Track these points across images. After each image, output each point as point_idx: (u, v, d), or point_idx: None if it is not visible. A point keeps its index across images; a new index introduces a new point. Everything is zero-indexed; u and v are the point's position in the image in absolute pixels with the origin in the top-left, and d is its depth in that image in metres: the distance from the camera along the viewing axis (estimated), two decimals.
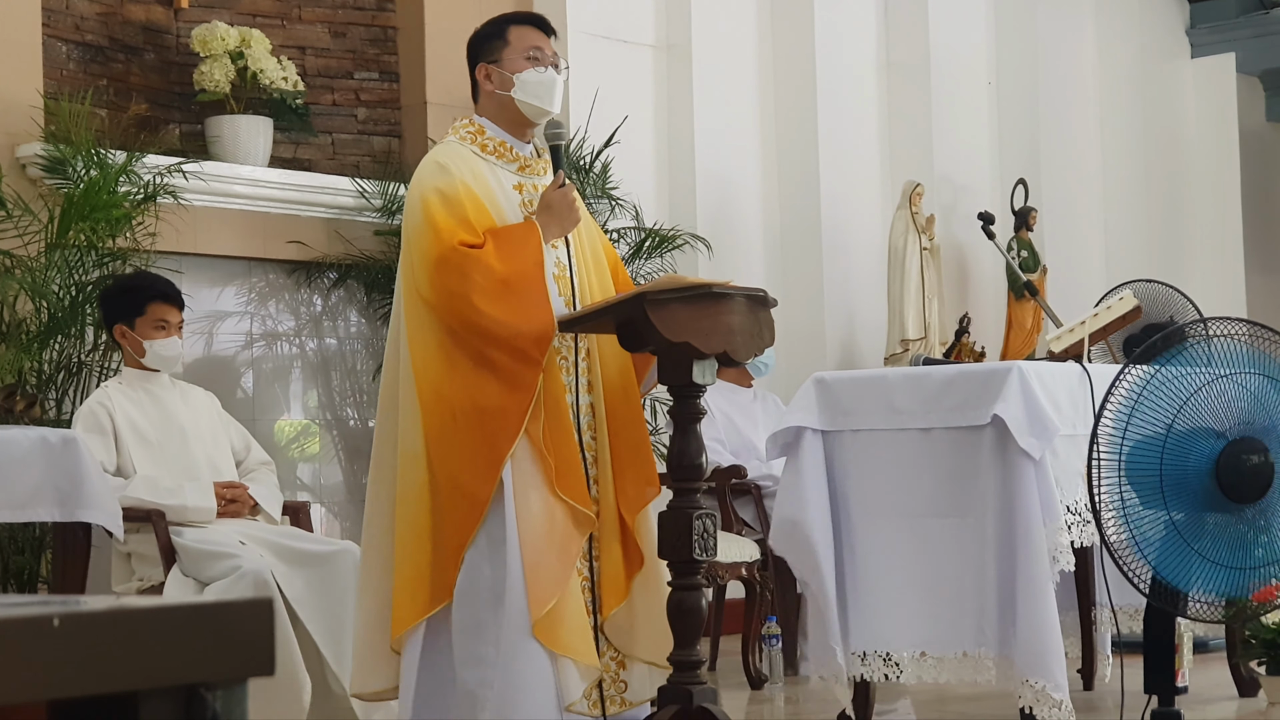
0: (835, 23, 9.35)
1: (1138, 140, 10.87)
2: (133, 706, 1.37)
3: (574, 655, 4.20)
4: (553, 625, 4.18)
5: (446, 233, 4.25)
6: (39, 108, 6.61)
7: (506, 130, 4.50)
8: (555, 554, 4.20)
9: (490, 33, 4.56)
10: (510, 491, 4.20)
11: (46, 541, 5.83)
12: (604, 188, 7.77)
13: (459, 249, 4.24)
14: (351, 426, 7.56)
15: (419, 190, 4.35)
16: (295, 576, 5.15)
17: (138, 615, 1.37)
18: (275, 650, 1.46)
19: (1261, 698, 5.69)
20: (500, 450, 4.19)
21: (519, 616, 4.17)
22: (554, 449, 4.25)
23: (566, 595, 4.21)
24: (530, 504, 4.21)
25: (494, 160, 4.45)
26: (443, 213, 4.28)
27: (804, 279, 9.05)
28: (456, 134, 4.51)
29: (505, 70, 4.48)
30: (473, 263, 4.22)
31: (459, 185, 4.32)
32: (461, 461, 4.23)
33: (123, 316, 5.56)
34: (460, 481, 4.23)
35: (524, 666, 4.17)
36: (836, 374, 5.19)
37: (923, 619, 4.84)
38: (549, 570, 4.19)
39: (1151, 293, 6.31)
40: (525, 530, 4.19)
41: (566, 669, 4.21)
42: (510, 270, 4.24)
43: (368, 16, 7.89)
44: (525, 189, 4.47)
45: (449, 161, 4.38)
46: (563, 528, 4.23)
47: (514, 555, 4.18)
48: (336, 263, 7.41)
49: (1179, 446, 4.39)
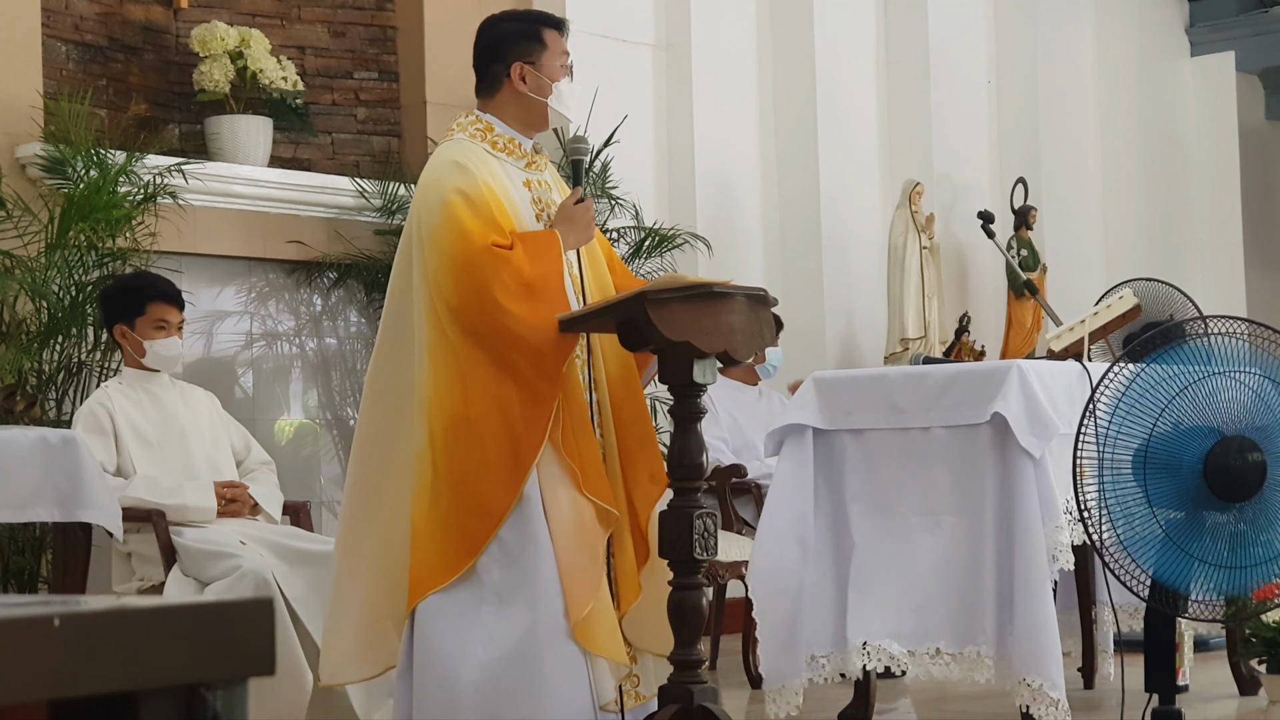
0: (835, 22, 9.36)
1: (1137, 139, 10.87)
2: (133, 706, 1.37)
3: (609, 655, 4.20)
4: (590, 627, 4.16)
5: (478, 235, 4.18)
6: (39, 108, 6.61)
7: (515, 128, 4.45)
8: (588, 555, 4.19)
9: (525, 32, 4.47)
10: (538, 496, 4.17)
11: (47, 541, 5.83)
12: (604, 187, 7.77)
13: (492, 250, 4.17)
14: (351, 426, 7.55)
15: (438, 191, 4.25)
16: (295, 576, 5.15)
17: (138, 615, 1.37)
18: (276, 650, 1.46)
19: (1262, 696, 5.70)
20: (525, 462, 4.15)
21: (554, 619, 4.14)
22: (577, 451, 4.22)
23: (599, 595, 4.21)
24: (560, 507, 4.18)
25: (504, 157, 4.41)
26: (469, 214, 4.20)
27: (804, 278, 9.05)
28: (465, 131, 4.42)
29: (543, 75, 4.43)
30: (504, 264, 4.17)
31: (481, 186, 4.25)
32: (478, 467, 4.18)
33: (123, 316, 5.55)
34: (478, 488, 4.18)
35: (560, 669, 4.15)
36: (836, 373, 5.20)
37: (922, 617, 4.84)
38: (584, 572, 4.17)
39: (1151, 291, 6.31)
40: (558, 533, 4.16)
41: (601, 669, 4.21)
42: (536, 274, 4.20)
43: (367, 16, 7.89)
44: (533, 185, 4.45)
45: (467, 161, 4.30)
46: (591, 528, 4.22)
47: (547, 559, 4.15)
48: (336, 262, 7.41)
49: (1167, 445, 4.38)
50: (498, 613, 4.19)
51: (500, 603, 4.19)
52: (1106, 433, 4.33)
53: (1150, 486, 4.35)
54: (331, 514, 7.45)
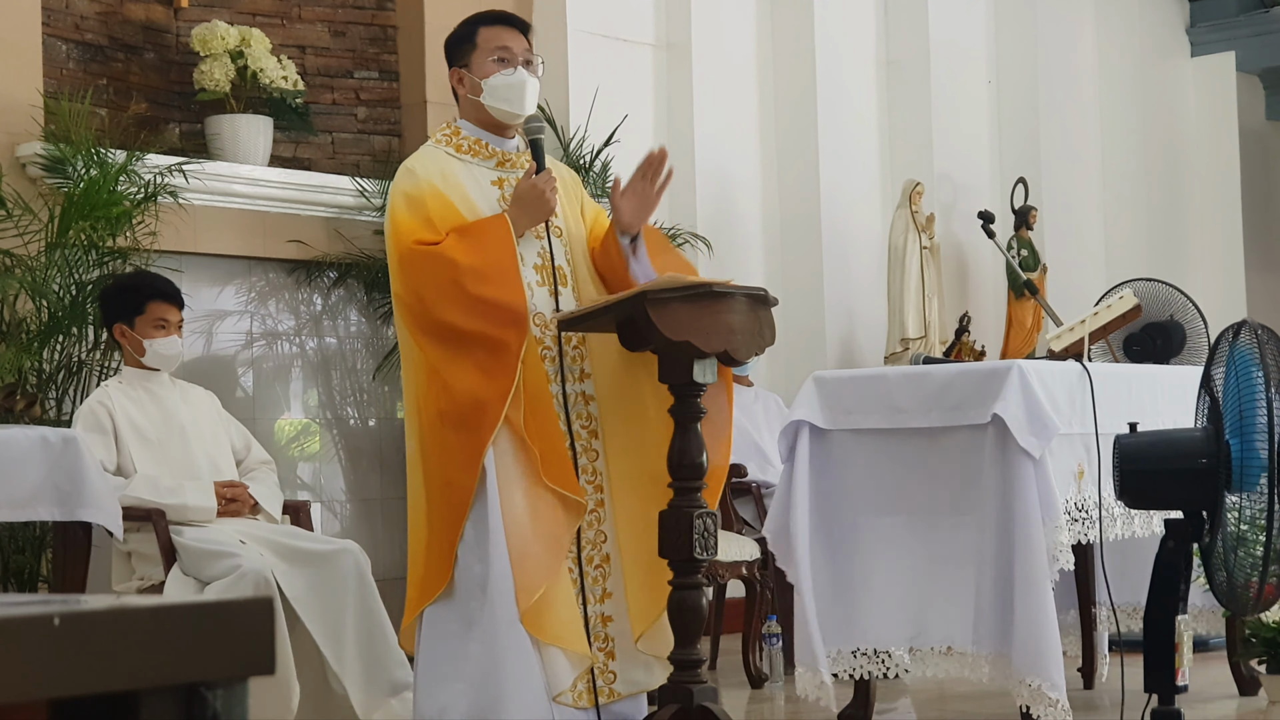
0: (835, 21, 9.36)
1: (1138, 139, 10.87)
2: (133, 706, 1.37)
3: (562, 644, 4.23)
4: (539, 614, 4.20)
5: (406, 233, 4.34)
6: (39, 107, 6.61)
7: (485, 130, 4.56)
8: (542, 543, 4.23)
9: (460, 35, 4.60)
10: (494, 483, 4.23)
11: (47, 541, 5.83)
12: (604, 187, 7.77)
13: (415, 247, 4.32)
14: (352, 426, 7.56)
15: (390, 198, 4.47)
16: (296, 576, 5.15)
17: (138, 614, 1.36)
18: (276, 650, 1.46)
19: (1262, 696, 5.70)
20: (481, 439, 4.22)
21: (506, 607, 4.19)
22: (537, 438, 4.26)
23: (554, 584, 4.23)
24: (514, 494, 4.24)
25: (469, 159, 4.52)
26: (404, 214, 4.37)
27: (804, 278, 9.05)
28: (433, 138, 4.60)
29: (474, 74, 4.53)
30: (433, 259, 4.30)
31: (424, 185, 4.39)
32: (448, 456, 4.27)
33: (122, 315, 5.55)
34: (448, 477, 4.27)
35: (510, 657, 4.19)
36: (836, 373, 5.19)
37: (922, 617, 4.84)
38: (536, 560, 4.22)
39: (1151, 291, 6.31)
40: (510, 521, 4.21)
41: (555, 659, 4.23)
42: (477, 262, 4.28)
43: (367, 15, 7.89)
44: (506, 184, 4.51)
45: (416, 165, 4.47)
46: (550, 516, 4.25)
47: (499, 546, 4.21)
48: (336, 262, 7.42)
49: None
50: (481, 606, 4.24)
51: (484, 595, 4.24)
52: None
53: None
54: (331, 513, 7.45)
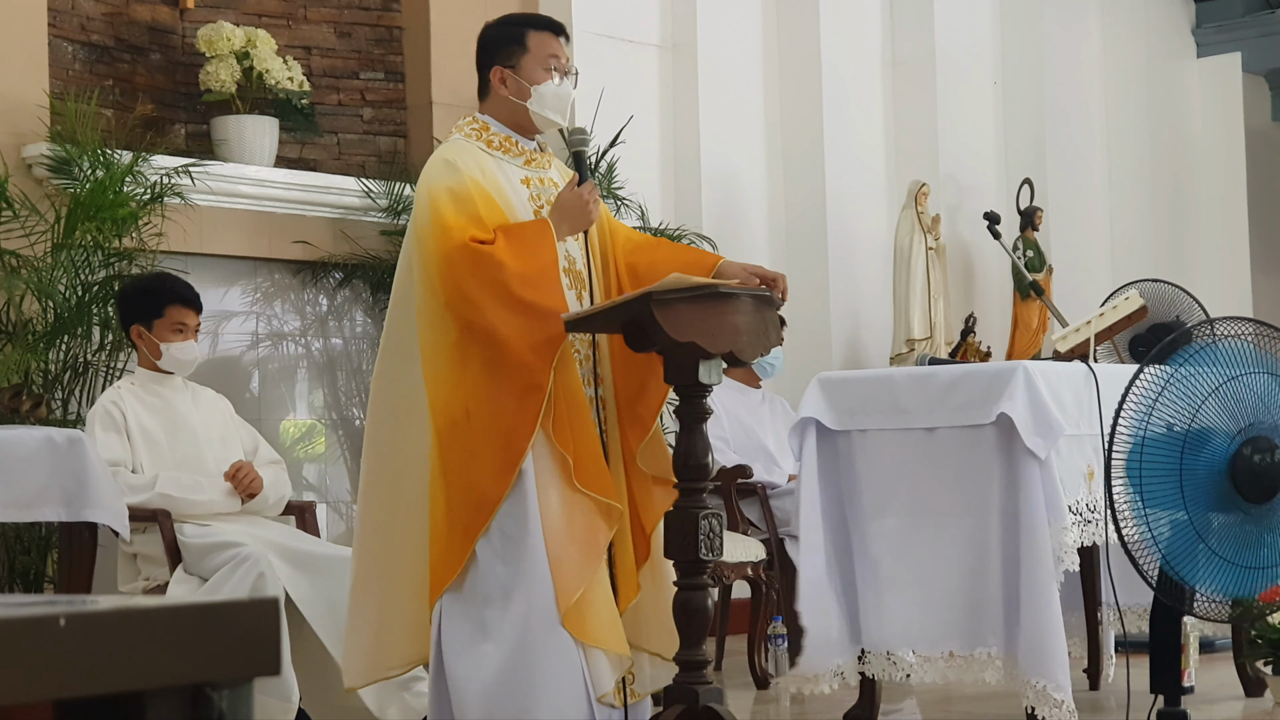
0: (840, 22, 9.35)
1: (1143, 140, 10.86)
2: (138, 706, 1.37)
3: (605, 645, 4.20)
4: (581, 616, 4.18)
5: (457, 230, 4.23)
6: (45, 108, 6.62)
7: (510, 129, 4.50)
8: (578, 547, 4.20)
9: (508, 36, 4.52)
10: (532, 487, 4.19)
11: (52, 541, 5.84)
12: (609, 187, 7.77)
13: (470, 245, 4.22)
14: (357, 426, 7.56)
15: (427, 188, 4.33)
16: (302, 578, 5.15)
17: (143, 615, 1.37)
18: (281, 650, 1.46)
19: (1267, 697, 5.69)
20: (516, 450, 4.18)
21: (546, 609, 4.16)
22: (573, 443, 4.24)
23: (594, 585, 4.21)
24: (550, 498, 4.20)
25: (500, 155, 4.46)
26: (452, 210, 4.26)
27: (809, 278, 9.04)
28: (461, 131, 4.50)
29: (523, 79, 4.46)
30: (484, 259, 4.21)
31: (468, 181, 4.30)
32: (475, 460, 4.22)
33: (141, 317, 5.54)
34: (473, 480, 4.22)
35: (552, 659, 4.16)
36: (842, 374, 5.20)
37: (927, 617, 4.84)
38: (572, 562, 4.19)
39: (1157, 292, 6.31)
40: (549, 524, 4.19)
41: (598, 660, 4.21)
42: (524, 267, 4.23)
43: (373, 16, 7.89)
44: (532, 183, 4.48)
45: (456, 158, 4.36)
46: (585, 521, 4.23)
47: (538, 549, 4.17)
48: (342, 263, 7.42)
49: (1194, 446, 4.38)
50: (503, 610, 4.21)
51: (505, 598, 4.21)
52: (1145, 430, 4.33)
53: (1184, 485, 4.35)
54: (337, 514, 7.45)
